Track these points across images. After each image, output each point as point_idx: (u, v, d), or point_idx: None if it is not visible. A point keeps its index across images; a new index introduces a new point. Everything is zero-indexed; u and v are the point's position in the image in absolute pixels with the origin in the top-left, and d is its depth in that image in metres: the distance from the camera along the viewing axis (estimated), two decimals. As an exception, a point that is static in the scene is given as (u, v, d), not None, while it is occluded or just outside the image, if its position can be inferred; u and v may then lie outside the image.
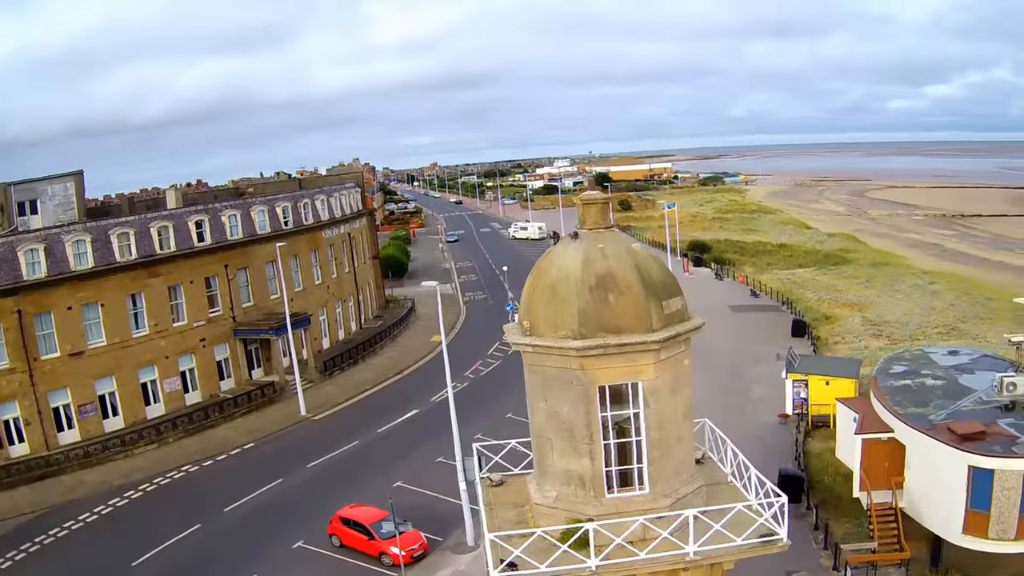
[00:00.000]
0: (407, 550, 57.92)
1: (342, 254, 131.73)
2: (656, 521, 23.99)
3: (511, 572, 23.80)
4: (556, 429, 24.65)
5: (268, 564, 59.77)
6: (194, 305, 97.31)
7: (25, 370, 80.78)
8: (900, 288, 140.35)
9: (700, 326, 25.29)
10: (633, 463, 24.67)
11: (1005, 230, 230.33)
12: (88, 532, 67.49)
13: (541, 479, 25.83)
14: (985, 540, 49.57)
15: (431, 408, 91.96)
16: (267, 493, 72.47)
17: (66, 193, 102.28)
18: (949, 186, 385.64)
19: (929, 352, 71.51)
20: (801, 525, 60.20)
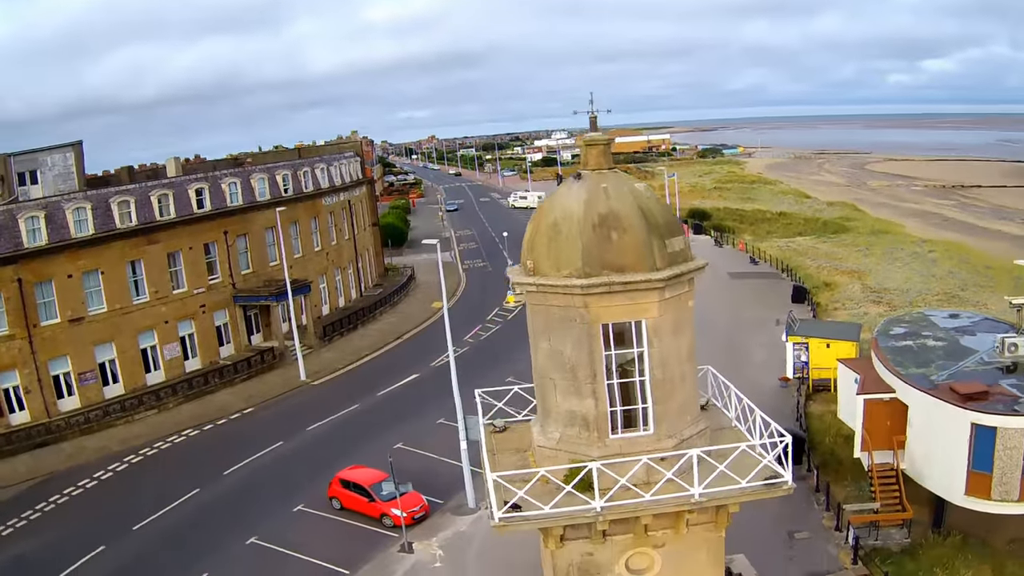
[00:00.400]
0: (408, 511, 58.03)
1: (342, 221, 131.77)
2: (660, 463, 23.89)
3: (514, 513, 23.72)
4: (559, 369, 24.53)
5: (268, 527, 59.77)
6: (193, 272, 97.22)
7: (25, 338, 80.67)
8: (899, 256, 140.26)
9: (703, 266, 25.18)
10: (637, 403, 24.56)
11: (1004, 201, 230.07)
12: (88, 497, 67.60)
13: (544, 421, 25.76)
14: (987, 501, 49.42)
15: (431, 372, 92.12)
16: (267, 457, 72.65)
17: (66, 163, 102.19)
18: (948, 159, 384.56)
19: (929, 315, 71.45)
20: (802, 487, 60.20)
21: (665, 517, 24.65)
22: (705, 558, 25.62)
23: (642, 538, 24.88)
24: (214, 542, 58.27)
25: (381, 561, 55.08)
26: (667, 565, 25.40)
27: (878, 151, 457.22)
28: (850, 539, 52.07)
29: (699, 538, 25.32)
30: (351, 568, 54.13)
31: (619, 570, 25.31)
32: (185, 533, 60.14)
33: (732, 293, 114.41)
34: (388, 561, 55.01)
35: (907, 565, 48.76)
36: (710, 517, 25.09)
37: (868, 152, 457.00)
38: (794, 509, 56.68)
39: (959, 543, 50.44)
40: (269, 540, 57.99)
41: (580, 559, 25.01)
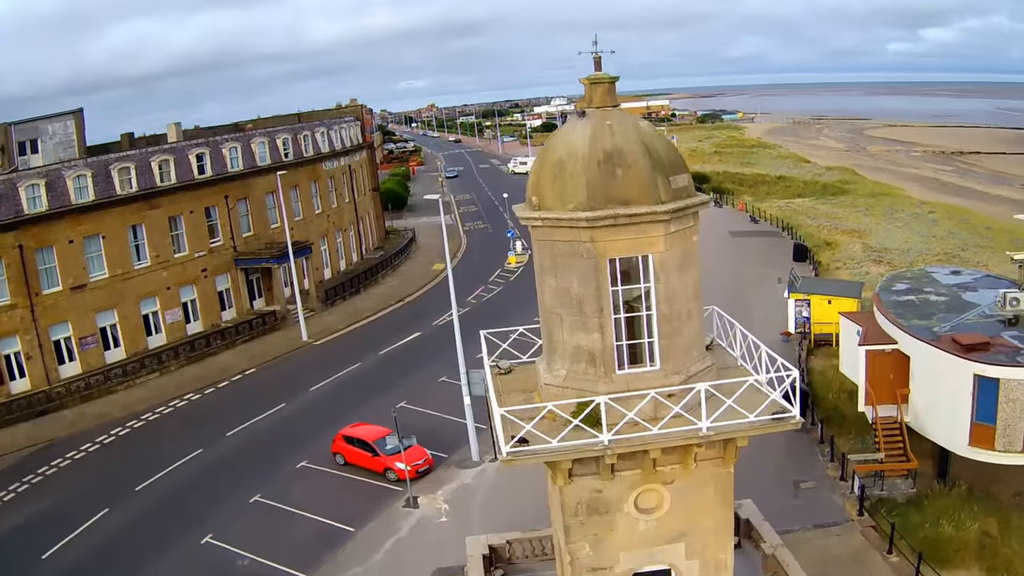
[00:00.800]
0: (412, 465, 58.19)
1: (342, 185, 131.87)
2: (668, 398, 23.97)
3: (522, 447, 23.82)
4: (565, 305, 24.56)
5: (272, 484, 60.13)
6: (195, 236, 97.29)
7: (26, 305, 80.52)
8: (899, 217, 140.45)
9: (707, 201, 25.28)
10: (643, 338, 24.65)
11: (1004, 167, 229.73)
12: (89, 462, 67.80)
13: (550, 358, 25.81)
14: (991, 452, 49.42)
15: (433, 331, 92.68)
16: (270, 417, 72.93)
17: (66, 132, 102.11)
18: (948, 125, 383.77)
19: (931, 271, 71.58)
20: (806, 439, 60.77)
21: (673, 452, 24.72)
22: (713, 494, 25.71)
23: (651, 474, 24.97)
24: (217, 502, 58.48)
25: (387, 517, 55.34)
26: (676, 503, 25.51)
27: (877, 118, 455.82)
28: (856, 489, 52.31)
29: (707, 474, 25.41)
30: (356, 524, 54.39)
31: (628, 508, 25.41)
32: (188, 494, 60.35)
33: (733, 251, 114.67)
34: (394, 516, 55.27)
35: (912, 516, 48.81)
36: (718, 452, 25.19)
37: (867, 119, 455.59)
38: (799, 460, 57.00)
39: (964, 494, 50.47)
40: (273, 498, 58.23)
41: (589, 496, 25.11)
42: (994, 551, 45.21)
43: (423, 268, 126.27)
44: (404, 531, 53.45)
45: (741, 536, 31.83)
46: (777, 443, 58.64)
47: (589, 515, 25.29)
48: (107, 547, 53.48)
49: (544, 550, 33.82)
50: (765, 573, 31.85)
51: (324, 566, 50.10)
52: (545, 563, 33.65)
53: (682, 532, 25.88)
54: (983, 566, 44.49)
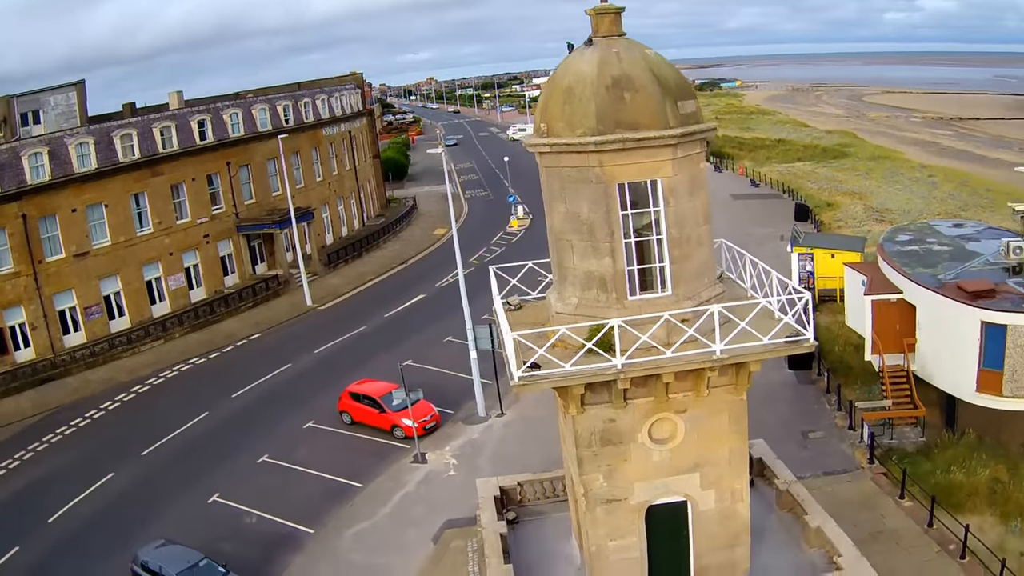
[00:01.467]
0: (419, 421, 58.21)
1: (343, 152, 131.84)
2: (681, 323, 23.93)
3: (534, 372, 23.80)
4: (576, 231, 24.56)
5: (278, 444, 60.22)
6: (197, 202, 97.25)
7: (30, 273, 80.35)
8: (900, 180, 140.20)
9: (714, 128, 25.26)
10: (654, 263, 24.68)
11: (1003, 132, 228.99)
12: (94, 427, 67.78)
13: (561, 287, 25.80)
14: (999, 398, 49.44)
15: (437, 292, 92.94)
16: (275, 379, 72.93)
17: (68, 103, 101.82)
18: (947, 92, 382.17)
19: (933, 224, 71.63)
20: (813, 389, 60.86)
21: (687, 379, 24.75)
22: (728, 424, 25.76)
23: (664, 402, 25.00)
24: (224, 463, 58.54)
25: (395, 472, 55.44)
26: (690, 432, 25.57)
27: (876, 85, 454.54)
28: (865, 438, 52.31)
29: (721, 402, 25.44)
30: (363, 480, 54.49)
31: (642, 438, 25.46)
32: (194, 456, 60.32)
33: (735, 213, 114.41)
34: (401, 472, 55.35)
35: (923, 464, 48.79)
36: (731, 379, 25.19)
37: (866, 86, 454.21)
38: (807, 410, 57.00)
39: (974, 442, 50.45)
40: (279, 458, 58.29)
41: (602, 426, 25.15)
42: (1006, 497, 45.25)
43: (425, 233, 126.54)
44: (411, 486, 53.53)
45: (754, 475, 31.75)
46: (784, 394, 58.81)
47: (603, 445, 25.34)
48: (113, 509, 53.51)
49: (556, 491, 33.79)
50: (780, 509, 31.83)
51: (331, 521, 50.24)
52: (557, 504, 33.61)
53: (697, 462, 25.95)
54: (995, 512, 44.48)
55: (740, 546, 27.44)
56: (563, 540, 31.62)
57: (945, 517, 43.16)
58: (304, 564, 46.52)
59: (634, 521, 26.35)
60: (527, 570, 29.84)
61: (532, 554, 31.15)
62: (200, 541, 46.00)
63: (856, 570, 26.18)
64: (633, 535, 26.52)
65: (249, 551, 47.22)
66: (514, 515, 33.13)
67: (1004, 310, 48.36)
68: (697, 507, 26.53)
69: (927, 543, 42.67)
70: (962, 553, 41.02)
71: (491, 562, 28.71)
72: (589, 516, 26.11)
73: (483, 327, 58.64)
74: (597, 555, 26.60)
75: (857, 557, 26.89)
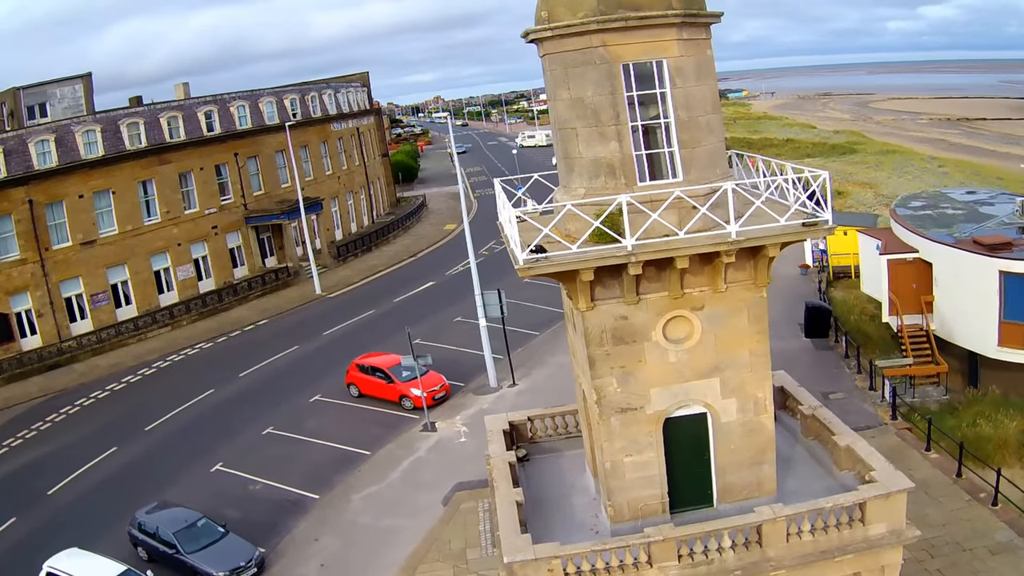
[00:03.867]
0: (428, 391, 57.19)
1: (351, 148, 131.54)
2: (692, 210, 22.89)
3: (539, 255, 22.94)
4: (581, 117, 23.45)
5: (284, 417, 59.62)
6: (205, 192, 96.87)
7: (37, 260, 79.90)
8: (910, 171, 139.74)
9: (719, 15, 24.31)
10: (663, 148, 23.70)
11: (1010, 130, 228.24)
12: (99, 407, 67.32)
13: (567, 179, 24.66)
14: (1022, 351, 48.85)
15: (447, 280, 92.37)
16: (283, 359, 72.42)
17: (75, 95, 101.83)
18: (952, 97, 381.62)
19: (945, 191, 71.19)
20: (832, 355, 60.25)
21: (702, 273, 23.61)
22: (747, 323, 24.51)
23: (679, 298, 23.90)
24: (229, 435, 58.01)
25: (404, 440, 54.70)
26: (708, 332, 24.33)
27: (882, 92, 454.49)
28: (887, 395, 51.39)
29: (739, 299, 24.28)
30: (372, 448, 53.82)
31: (657, 337, 24.31)
32: (198, 430, 59.90)
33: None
34: (412, 439, 54.60)
35: (947, 420, 47.89)
36: (749, 274, 24.11)
37: (871, 93, 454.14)
38: (826, 374, 56.14)
39: (999, 398, 49.55)
40: (285, 429, 57.70)
41: (614, 323, 23.97)
42: (1037, 450, 44.35)
43: (435, 229, 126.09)
44: (422, 452, 52.81)
45: (776, 408, 30.66)
46: (802, 360, 57.99)
47: (615, 344, 24.12)
48: (114, 481, 52.98)
49: (568, 427, 32.69)
50: (806, 438, 30.79)
51: (339, 486, 49.59)
52: (570, 441, 32.43)
53: (716, 365, 24.73)
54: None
55: (766, 464, 26.01)
56: (577, 474, 30.49)
57: (973, 468, 42.41)
58: (309, 527, 45.81)
59: (651, 434, 25.01)
60: (539, 504, 28.63)
61: (544, 488, 29.93)
62: (202, 508, 44.98)
63: (893, 480, 25.07)
64: (650, 450, 25.17)
65: (253, 516, 46.58)
66: (525, 452, 32.12)
67: (1021, 258, 47.65)
68: (718, 418, 25.21)
69: (957, 492, 41.91)
70: (994, 500, 40.22)
71: (499, 487, 27.56)
72: (603, 428, 24.85)
73: (492, 293, 57.98)
74: (612, 472, 25.29)
75: (892, 470, 25.77)
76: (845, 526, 24.34)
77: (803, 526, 24.04)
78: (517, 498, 26.22)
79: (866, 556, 24.57)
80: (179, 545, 41.51)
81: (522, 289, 73.70)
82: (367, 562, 41.78)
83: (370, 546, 43.18)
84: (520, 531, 24.62)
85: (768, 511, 23.90)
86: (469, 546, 42.03)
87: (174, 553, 41.57)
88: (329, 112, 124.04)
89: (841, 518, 24.36)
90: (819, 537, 24.19)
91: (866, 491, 24.53)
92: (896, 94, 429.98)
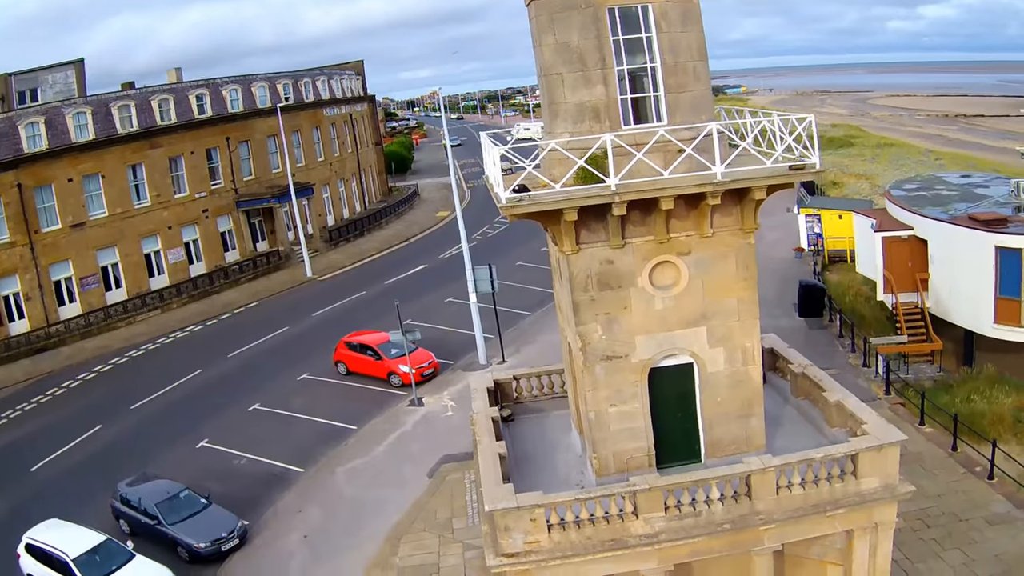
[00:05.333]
0: (417, 368, 56.86)
1: (344, 134, 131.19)
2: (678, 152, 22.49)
3: (523, 194, 22.43)
4: (567, 62, 23.18)
5: (271, 395, 59.27)
6: (195, 176, 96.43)
7: (26, 243, 79.33)
8: (906, 164, 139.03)
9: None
10: (648, 92, 23.35)
11: (1009, 127, 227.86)
12: (85, 388, 66.93)
13: (552, 124, 24.24)
14: (1018, 328, 48.42)
15: (439, 263, 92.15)
16: (272, 340, 72.06)
17: (67, 81, 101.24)
18: (951, 95, 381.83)
19: (939, 175, 70.98)
20: (825, 334, 59.89)
21: (688, 217, 23.30)
22: (735, 270, 24.19)
23: (665, 242, 23.49)
24: (215, 412, 57.57)
25: (391, 415, 54.39)
26: (695, 279, 23.99)
27: (880, 91, 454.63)
28: (880, 371, 51.06)
29: (726, 245, 23.93)
30: (358, 423, 53.53)
31: (642, 283, 23.88)
32: (184, 407, 59.45)
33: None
34: (398, 414, 54.29)
35: (941, 396, 47.56)
36: (735, 220, 23.71)
37: (870, 91, 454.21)
38: (820, 352, 55.49)
39: (993, 375, 49.24)
40: (272, 406, 57.35)
41: (599, 268, 23.57)
42: (1033, 426, 43.84)
43: (427, 215, 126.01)
44: (408, 426, 52.52)
45: (766, 369, 30.15)
46: (796, 339, 57.06)
47: (600, 290, 23.77)
48: (97, 458, 52.57)
49: (554, 387, 32.22)
50: (796, 397, 30.26)
51: (323, 460, 49.31)
52: (556, 401, 31.97)
53: (703, 313, 24.37)
54: (1021, 440, 43.17)
55: (754, 417, 25.68)
56: (562, 433, 30.07)
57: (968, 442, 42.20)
58: (293, 500, 45.49)
59: (636, 383, 24.62)
60: (523, 461, 28.18)
61: (528, 446, 29.55)
62: (186, 483, 44.42)
63: (885, 432, 24.51)
64: (636, 400, 24.77)
65: (237, 490, 46.16)
66: (510, 412, 31.63)
67: (1019, 233, 47.21)
68: (705, 368, 24.83)
69: (952, 465, 41.62)
70: (990, 473, 39.94)
71: (482, 441, 27.09)
72: (588, 376, 24.44)
73: (483, 268, 57.50)
74: (597, 423, 24.89)
75: (884, 423, 25.25)
76: (837, 479, 23.98)
77: (793, 478, 23.70)
78: (500, 450, 25.90)
79: (859, 511, 24.20)
80: (161, 516, 41.08)
81: (513, 272, 74.62)
82: (351, 532, 41.41)
83: (354, 517, 42.79)
84: (502, 482, 24.11)
85: (757, 461, 23.64)
86: (455, 516, 41.73)
87: (156, 524, 41.15)
88: (322, 97, 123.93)
89: (832, 471, 24.00)
90: (810, 490, 23.81)
91: (858, 443, 24.22)
92: (895, 92, 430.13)
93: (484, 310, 60.24)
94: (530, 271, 79.15)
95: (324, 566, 39.02)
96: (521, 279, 76.79)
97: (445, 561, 38.28)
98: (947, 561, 34.41)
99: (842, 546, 25.17)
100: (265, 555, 40.75)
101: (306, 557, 39.98)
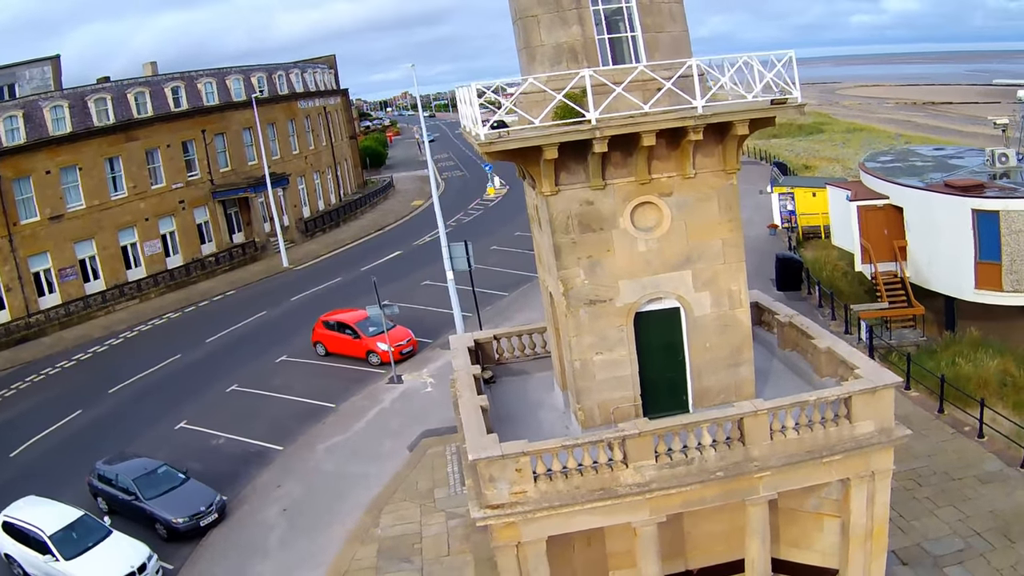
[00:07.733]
0: (395, 346, 56.75)
1: (319, 127, 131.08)
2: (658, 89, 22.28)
3: (501, 130, 22.15)
4: (542, 3, 22.98)
5: (249, 376, 59.08)
6: (172, 168, 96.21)
7: (5, 235, 79.10)
8: (877, 147, 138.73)
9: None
10: (626, 32, 23.13)
11: (977, 112, 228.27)
12: (64, 375, 66.62)
13: (529, 68, 23.72)
14: (999, 293, 48.26)
15: (414, 249, 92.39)
16: (249, 324, 72.16)
17: (43, 76, 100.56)
18: (920, 84, 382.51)
19: (913, 148, 71.17)
20: (804, 305, 59.65)
21: (669, 157, 23.01)
22: (718, 211, 23.85)
23: (646, 183, 23.17)
24: (193, 394, 57.35)
25: (370, 392, 54.32)
26: (678, 220, 23.60)
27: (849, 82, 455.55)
28: (863, 337, 51.03)
29: (708, 186, 23.59)
30: (337, 401, 53.47)
31: (624, 224, 23.52)
32: (163, 390, 59.21)
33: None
34: (378, 391, 54.19)
35: (926, 361, 47.36)
36: (718, 160, 23.37)
37: (839, 82, 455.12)
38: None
39: (977, 339, 49.14)
40: (251, 386, 57.21)
41: (579, 209, 23.17)
42: (1017, 387, 43.95)
43: (402, 205, 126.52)
44: (387, 403, 52.42)
45: (752, 324, 29.81)
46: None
47: (582, 232, 23.35)
48: (76, 440, 52.28)
49: (535, 348, 31.87)
50: (784, 349, 29.99)
51: (302, 438, 49.11)
52: (538, 362, 31.57)
53: (688, 256, 23.99)
54: (1007, 403, 43.03)
55: (743, 365, 25.27)
56: (545, 392, 29.70)
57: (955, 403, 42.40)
58: (272, 476, 45.25)
59: (622, 328, 24.16)
60: (505, 420, 27.60)
61: (511, 406, 29.07)
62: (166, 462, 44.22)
63: (878, 375, 24.20)
64: (621, 347, 24.33)
65: (216, 468, 45.89)
66: (491, 374, 31.27)
67: (995, 197, 47.21)
68: (692, 312, 24.42)
69: (940, 427, 41.78)
70: (979, 432, 40.06)
71: (463, 395, 26.59)
72: (571, 322, 24.03)
73: (458, 245, 57.00)
74: (581, 372, 24.47)
75: (876, 366, 24.96)
76: (831, 423, 23.43)
77: (787, 422, 23.18)
78: (482, 403, 25.41)
79: (855, 458, 23.71)
80: (138, 492, 40.68)
81: (488, 256, 75.06)
82: (330, 506, 41.25)
83: (334, 491, 42.62)
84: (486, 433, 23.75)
85: (749, 404, 23.16)
86: (437, 486, 41.53)
87: (133, 500, 40.81)
88: (296, 90, 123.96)
89: (826, 414, 23.47)
90: (804, 435, 23.26)
91: (851, 385, 23.69)
92: (862, 83, 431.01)
93: (463, 291, 59.72)
94: (504, 255, 79.60)
95: (304, 539, 38.78)
96: (495, 263, 77.10)
97: (427, 531, 38.03)
98: (941, 518, 34.44)
99: (838, 497, 24.80)
100: (244, 529, 40.45)
101: (285, 530, 39.75)
